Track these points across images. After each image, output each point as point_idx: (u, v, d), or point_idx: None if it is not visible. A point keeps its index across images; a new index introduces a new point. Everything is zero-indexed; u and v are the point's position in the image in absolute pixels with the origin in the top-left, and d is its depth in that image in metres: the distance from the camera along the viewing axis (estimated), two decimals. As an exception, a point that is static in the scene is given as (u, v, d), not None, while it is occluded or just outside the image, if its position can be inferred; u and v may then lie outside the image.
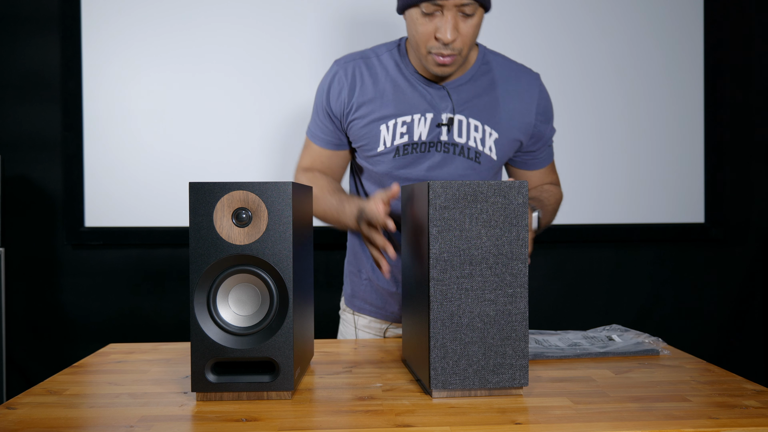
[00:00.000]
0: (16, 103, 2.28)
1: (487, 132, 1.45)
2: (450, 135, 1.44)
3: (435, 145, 1.45)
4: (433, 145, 1.45)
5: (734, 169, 2.43)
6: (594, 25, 2.33)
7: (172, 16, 2.24)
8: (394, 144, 1.44)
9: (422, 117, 1.44)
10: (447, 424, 0.88)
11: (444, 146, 1.45)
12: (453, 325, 0.99)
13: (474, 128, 1.45)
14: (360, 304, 1.63)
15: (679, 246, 2.43)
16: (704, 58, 2.36)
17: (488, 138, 1.45)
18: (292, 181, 1.00)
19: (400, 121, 1.44)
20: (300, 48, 2.26)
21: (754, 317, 2.47)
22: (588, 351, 1.24)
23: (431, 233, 0.98)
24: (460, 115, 1.44)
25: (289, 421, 0.90)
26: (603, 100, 2.33)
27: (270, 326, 0.98)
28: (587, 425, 0.88)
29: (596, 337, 1.34)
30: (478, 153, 1.45)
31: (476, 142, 1.45)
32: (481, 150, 1.45)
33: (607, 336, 1.34)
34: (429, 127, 1.44)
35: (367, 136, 1.46)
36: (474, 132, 1.45)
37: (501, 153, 1.48)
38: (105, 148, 2.24)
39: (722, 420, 0.89)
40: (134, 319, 2.31)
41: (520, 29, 2.31)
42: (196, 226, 0.98)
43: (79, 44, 2.23)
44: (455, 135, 1.44)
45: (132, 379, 1.12)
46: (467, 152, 1.45)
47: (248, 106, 2.26)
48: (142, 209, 2.25)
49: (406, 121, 1.44)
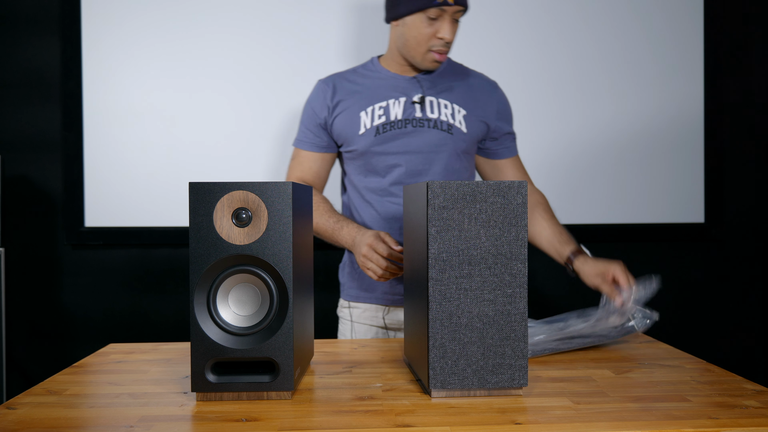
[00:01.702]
0: (16, 103, 2.28)
1: (456, 109, 1.64)
2: (423, 112, 1.63)
3: (411, 122, 1.63)
4: (408, 121, 1.63)
5: (734, 169, 2.43)
6: (594, 25, 2.33)
7: (173, 16, 2.24)
8: (374, 125, 1.63)
9: (396, 101, 1.64)
10: (447, 424, 0.88)
11: (418, 121, 1.63)
12: (452, 325, 0.99)
13: (444, 106, 1.64)
14: (354, 293, 1.70)
15: (679, 246, 2.43)
16: (704, 58, 2.36)
17: (457, 114, 1.64)
18: (291, 182, 1.00)
19: (377, 106, 1.64)
20: (301, 48, 2.26)
21: (754, 317, 2.47)
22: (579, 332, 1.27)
23: (430, 233, 0.98)
24: (431, 97, 1.64)
25: (289, 421, 0.91)
26: (603, 100, 2.33)
27: (270, 326, 0.98)
28: (587, 425, 0.88)
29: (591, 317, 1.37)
30: (450, 125, 1.63)
31: (447, 117, 1.64)
32: (452, 123, 1.63)
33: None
34: (403, 108, 1.63)
35: (350, 124, 1.64)
36: (444, 109, 1.64)
37: (470, 128, 1.64)
38: (105, 148, 2.24)
39: (722, 420, 0.89)
40: (134, 319, 2.31)
41: (520, 29, 2.31)
42: (196, 226, 0.98)
43: (79, 44, 2.23)
44: (428, 112, 1.63)
45: (132, 379, 1.12)
46: (440, 125, 1.63)
47: (248, 106, 2.26)
48: (142, 209, 2.25)
49: (383, 106, 1.63)
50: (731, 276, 2.46)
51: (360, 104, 1.65)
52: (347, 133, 1.65)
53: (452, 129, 1.63)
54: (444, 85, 1.66)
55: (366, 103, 1.65)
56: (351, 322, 1.70)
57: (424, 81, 1.65)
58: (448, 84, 1.66)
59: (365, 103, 1.65)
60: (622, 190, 2.35)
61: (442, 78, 1.67)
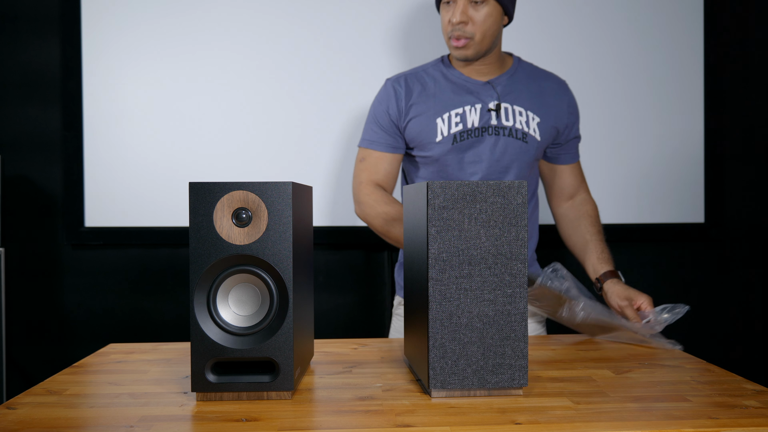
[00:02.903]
0: (16, 103, 2.28)
1: (530, 116, 1.64)
2: (499, 120, 1.63)
3: (487, 130, 1.62)
4: (485, 129, 1.62)
5: (734, 169, 2.43)
6: (593, 25, 2.33)
7: (173, 16, 2.24)
8: (451, 132, 1.62)
9: (472, 108, 1.63)
10: (447, 424, 0.88)
11: (494, 129, 1.62)
12: (452, 325, 0.99)
13: (519, 113, 1.63)
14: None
15: (679, 246, 2.43)
16: (704, 58, 2.36)
17: (531, 121, 1.64)
18: (291, 182, 1.00)
19: (453, 113, 1.63)
20: (301, 48, 2.26)
21: (754, 317, 2.47)
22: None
23: (430, 233, 0.98)
24: (506, 103, 1.64)
25: (289, 421, 0.91)
26: (602, 99, 2.33)
27: (270, 326, 0.98)
28: (587, 425, 0.88)
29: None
30: (525, 134, 1.63)
31: (522, 125, 1.64)
32: (527, 131, 1.63)
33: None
34: (480, 115, 1.62)
35: (425, 131, 1.63)
36: (519, 116, 1.63)
37: (543, 135, 1.66)
38: (105, 148, 2.24)
39: (722, 420, 0.89)
40: (134, 319, 2.31)
41: (519, 29, 2.31)
42: (196, 226, 0.98)
43: (79, 44, 2.23)
44: (503, 119, 1.63)
45: (132, 379, 1.12)
46: (515, 133, 1.63)
47: (248, 106, 2.26)
48: (142, 209, 2.25)
49: (459, 113, 1.63)
50: (731, 276, 2.46)
51: (436, 109, 1.63)
52: (422, 138, 1.64)
53: (527, 137, 1.64)
54: (517, 89, 1.66)
55: (442, 109, 1.63)
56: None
57: (498, 86, 1.64)
58: (521, 88, 1.66)
59: (441, 109, 1.63)
60: (622, 190, 2.35)
61: (515, 82, 1.66)
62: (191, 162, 2.25)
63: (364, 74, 2.27)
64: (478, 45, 1.57)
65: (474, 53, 1.59)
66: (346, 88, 2.27)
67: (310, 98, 2.26)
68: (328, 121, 2.27)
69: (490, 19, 1.56)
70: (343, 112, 2.27)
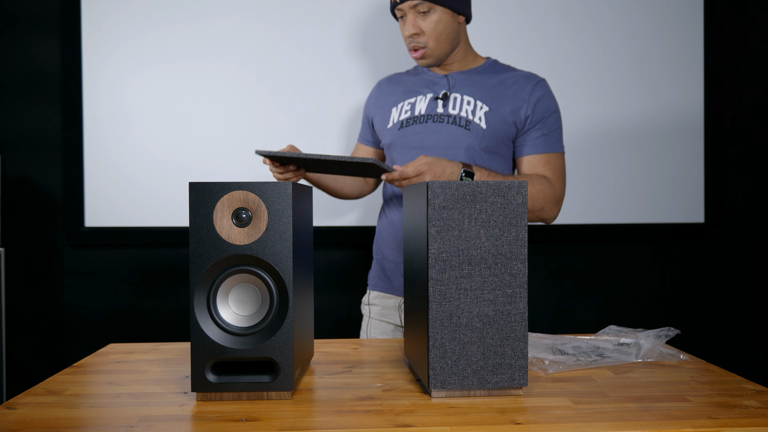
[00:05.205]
0: (16, 103, 2.28)
1: (478, 105, 1.65)
2: (445, 108, 1.66)
3: (432, 117, 1.67)
4: (430, 117, 1.67)
5: (734, 169, 2.43)
6: (594, 25, 2.33)
7: (173, 16, 2.24)
8: (400, 119, 1.70)
9: (423, 97, 1.70)
10: (447, 424, 0.88)
11: (438, 117, 1.66)
12: (452, 325, 0.99)
13: (467, 102, 1.65)
14: (373, 282, 1.81)
15: (679, 246, 2.43)
16: (704, 58, 2.36)
17: (479, 110, 1.64)
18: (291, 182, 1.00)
19: (406, 102, 1.72)
20: (302, 49, 2.26)
21: (754, 317, 2.47)
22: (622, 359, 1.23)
23: (430, 233, 0.98)
24: (457, 93, 1.67)
25: (289, 421, 0.91)
26: (602, 100, 2.33)
27: (270, 326, 0.98)
28: (587, 425, 0.88)
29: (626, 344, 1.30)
30: (469, 121, 1.64)
31: (467, 113, 1.65)
32: (471, 119, 1.64)
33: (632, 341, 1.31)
34: (428, 104, 1.68)
35: (383, 120, 1.75)
36: (466, 105, 1.65)
37: (492, 125, 1.63)
38: (105, 148, 2.24)
39: (722, 420, 0.89)
40: (134, 319, 2.31)
41: (519, 29, 2.31)
42: (196, 226, 0.98)
43: (79, 44, 2.23)
44: (450, 108, 1.66)
45: (132, 379, 1.12)
46: (459, 121, 1.64)
47: (248, 106, 2.26)
48: (142, 209, 2.25)
49: (411, 102, 1.71)
50: (731, 276, 2.46)
51: (394, 100, 1.74)
52: (380, 127, 1.77)
53: (470, 125, 1.63)
54: (474, 82, 1.68)
55: (399, 100, 1.73)
56: (369, 305, 1.82)
57: (454, 78, 1.69)
58: (478, 81, 1.67)
59: (398, 100, 1.73)
60: (622, 190, 2.35)
61: (474, 75, 1.69)
62: (191, 162, 2.25)
63: (364, 74, 2.27)
64: (434, 51, 1.64)
65: (434, 60, 1.66)
66: (346, 88, 2.27)
67: (310, 98, 2.26)
68: (328, 121, 2.27)
69: (441, 24, 1.61)
70: (342, 112, 2.27)
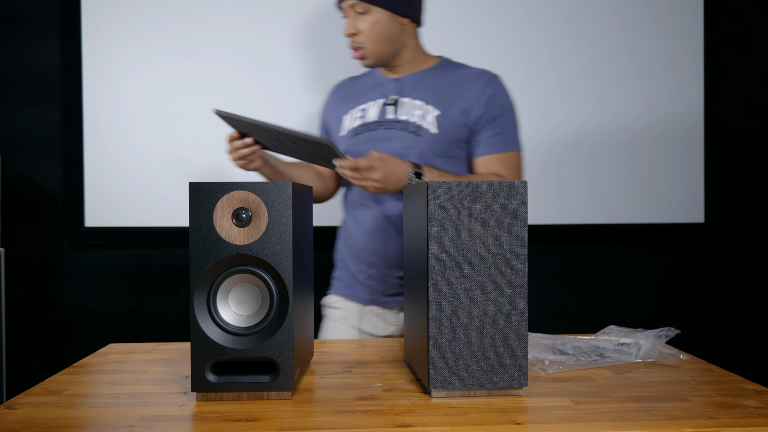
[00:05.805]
0: (16, 103, 2.28)
1: (428, 109, 1.60)
2: (396, 114, 1.62)
3: (382, 124, 1.63)
4: (380, 123, 1.63)
5: (734, 169, 2.43)
6: (594, 25, 2.33)
7: (173, 16, 2.24)
8: (352, 126, 1.66)
9: (374, 102, 1.65)
10: (447, 424, 0.88)
11: (389, 123, 1.62)
12: (452, 325, 0.99)
13: (417, 107, 1.61)
14: (335, 284, 1.74)
15: (679, 246, 2.43)
16: (704, 58, 2.36)
17: (429, 114, 1.60)
18: (291, 182, 1.00)
19: (358, 108, 1.67)
20: (300, 50, 2.26)
21: (754, 317, 2.47)
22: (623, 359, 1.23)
23: (430, 233, 0.98)
24: (406, 98, 1.62)
25: (289, 421, 0.91)
26: (603, 100, 2.33)
27: (270, 326, 0.98)
28: (587, 425, 0.88)
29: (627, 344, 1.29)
30: (418, 127, 1.59)
31: (417, 118, 1.60)
32: (420, 124, 1.59)
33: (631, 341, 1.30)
34: (378, 110, 1.64)
35: (335, 126, 1.71)
36: (416, 110, 1.61)
37: (443, 129, 1.58)
38: (105, 148, 2.24)
39: (722, 420, 0.89)
40: (134, 319, 2.31)
41: (518, 29, 2.31)
42: (196, 226, 0.98)
43: (79, 44, 2.23)
44: (399, 114, 1.62)
45: (132, 379, 1.12)
46: (408, 127, 1.60)
47: (248, 106, 2.26)
48: (142, 209, 2.25)
49: (363, 108, 1.66)
50: (731, 276, 2.46)
51: (347, 106, 1.70)
52: (332, 135, 1.72)
53: (420, 131, 1.58)
54: (424, 85, 1.62)
55: (351, 106, 1.69)
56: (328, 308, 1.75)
57: (405, 81, 1.64)
58: (428, 83, 1.62)
59: (350, 106, 1.69)
60: (622, 189, 2.35)
61: (424, 78, 1.63)
62: (191, 162, 2.25)
63: (364, 74, 2.27)
64: (372, 52, 1.60)
65: (374, 60, 1.62)
66: (346, 88, 2.27)
67: (310, 98, 2.26)
68: (328, 121, 2.27)
69: (378, 25, 1.57)
70: (343, 112, 2.27)
